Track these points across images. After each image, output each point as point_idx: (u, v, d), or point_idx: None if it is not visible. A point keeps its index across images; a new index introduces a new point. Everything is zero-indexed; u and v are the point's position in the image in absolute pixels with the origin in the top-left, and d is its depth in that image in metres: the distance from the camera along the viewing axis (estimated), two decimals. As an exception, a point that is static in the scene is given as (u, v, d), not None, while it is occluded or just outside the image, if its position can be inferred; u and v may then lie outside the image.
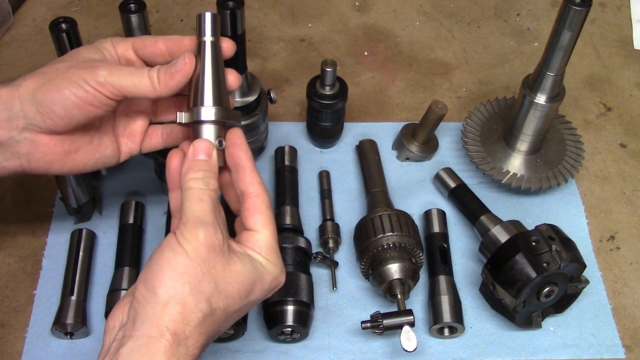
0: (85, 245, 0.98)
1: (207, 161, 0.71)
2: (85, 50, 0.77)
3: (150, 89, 0.73)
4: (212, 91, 0.73)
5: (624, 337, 0.97)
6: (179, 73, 0.72)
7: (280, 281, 0.72)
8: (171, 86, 0.73)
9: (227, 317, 0.68)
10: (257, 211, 0.71)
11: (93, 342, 0.93)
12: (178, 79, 0.72)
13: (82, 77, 0.71)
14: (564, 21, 0.89)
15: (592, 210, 1.10)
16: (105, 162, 0.81)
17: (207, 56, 0.74)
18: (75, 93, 0.71)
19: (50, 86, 0.71)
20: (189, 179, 0.69)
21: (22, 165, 0.76)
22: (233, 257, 0.67)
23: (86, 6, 1.35)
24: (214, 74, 0.73)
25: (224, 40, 0.77)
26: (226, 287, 0.66)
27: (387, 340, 0.94)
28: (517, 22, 1.38)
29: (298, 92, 1.23)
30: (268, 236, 0.71)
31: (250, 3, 1.37)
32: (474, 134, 1.10)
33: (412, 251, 0.93)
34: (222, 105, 0.73)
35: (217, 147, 0.73)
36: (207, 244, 0.65)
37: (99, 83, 0.71)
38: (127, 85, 0.72)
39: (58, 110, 0.72)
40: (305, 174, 1.11)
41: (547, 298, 0.90)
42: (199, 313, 0.64)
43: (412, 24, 1.36)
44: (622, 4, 1.42)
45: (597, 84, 1.28)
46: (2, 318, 0.94)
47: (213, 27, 0.74)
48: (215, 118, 0.72)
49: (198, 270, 0.65)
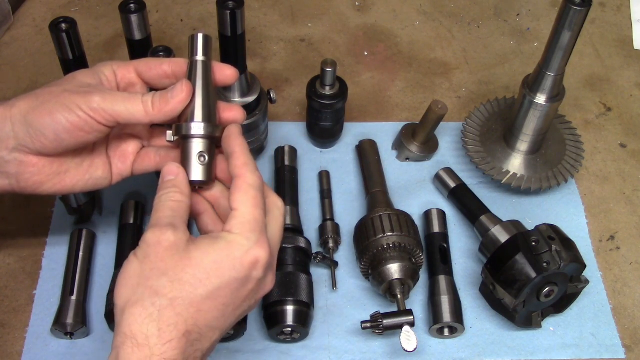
0: (85, 245, 0.98)
1: (171, 179, 0.72)
2: (82, 74, 0.77)
3: (144, 114, 0.73)
4: (200, 108, 0.74)
5: (624, 337, 0.97)
6: (174, 100, 0.73)
7: (257, 255, 0.68)
8: (166, 112, 0.73)
9: (197, 305, 0.65)
10: (235, 190, 0.71)
11: (93, 342, 0.93)
12: (173, 106, 0.73)
13: (75, 102, 0.71)
14: (564, 21, 0.89)
15: (592, 210, 1.10)
16: (96, 183, 0.81)
17: (197, 75, 0.76)
18: (67, 118, 0.71)
19: (42, 109, 0.72)
20: (155, 199, 0.71)
21: (11, 185, 0.77)
22: (190, 247, 0.67)
23: (86, 6, 1.35)
24: (203, 92, 0.75)
25: (227, 68, 0.78)
26: (178, 275, 0.65)
27: (387, 340, 0.94)
28: (517, 22, 1.38)
29: (298, 92, 1.23)
30: (243, 212, 0.69)
31: (250, 3, 1.37)
32: (474, 134, 1.10)
33: (412, 251, 0.93)
34: (209, 122, 0.74)
35: (200, 163, 0.74)
36: (153, 243, 0.66)
37: (92, 109, 0.72)
38: (120, 111, 0.73)
39: (48, 133, 0.72)
40: (305, 174, 1.11)
41: (547, 298, 0.90)
42: (152, 308, 0.63)
43: (412, 24, 1.36)
44: (622, 4, 1.42)
45: (597, 84, 1.28)
46: (2, 318, 0.94)
47: (204, 47, 0.77)
48: (201, 133, 0.74)
49: (146, 268, 0.65)
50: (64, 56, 0.91)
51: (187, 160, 0.74)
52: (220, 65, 0.79)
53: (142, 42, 0.93)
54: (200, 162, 0.74)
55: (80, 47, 0.91)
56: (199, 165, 0.74)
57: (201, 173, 0.74)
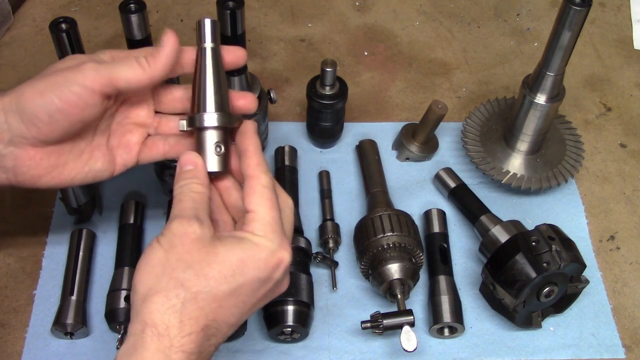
0: (85, 245, 0.98)
1: (191, 170, 0.72)
2: (75, 56, 0.76)
3: (141, 72, 0.71)
4: (213, 98, 0.73)
5: (624, 337, 0.97)
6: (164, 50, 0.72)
7: (281, 257, 0.69)
8: (163, 65, 0.72)
9: (219, 301, 0.65)
10: (250, 191, 0.71)
11: (93, 342, 0.93)
12: (165, 58, 0.72)
13: (67, 78, 0.70)
14: (564, 21, 0.89)
15: (592, 210, 1.10)
16: (96, 175, 0.80)
17: (207, 62, 0.74)
18: (58, 96, 0.70)
19: (33, 91, 0.70)
20: (175, 188, 0.71)
21: (8, 179, 0.75)
22: (215, 242, 0.67)
23: (86, 6, 1.35)
24: (215, 80, 0.73)
25: (236, 49, 0.77)
26: (204, 269, 0.65)
27: (387, 340, 0.94)
28: (517, 22, 1.38)
29: (298, 92, 1.23)
30: (262, 214, 0.69)
31: (250, 3, 1.37)
32: (474, 134, 1.10)
33: (412, 251, 0.93)
34: (223, 111, 0.73)
35: (216, 153, 0.73)
36: (180, 234, 0.66)
37: (88, 79, 0.70)
38: (119, 75, 0.71)
39: (41, 115, 0.70)
40: (305, 174, 1.11)
41: (547, 298, 0.90)
42: (175, 299, 0.63)
43: (412, 24, 1.36)
44: (622, 4, 1.42)
45: (597, 84, 1.28)
46: (2, 318, 0.94)
47: (213, 33, 0.74)
48: (216, 124, 0.73)
49: (171, 258, 0.65)
50: (64, 56, 0.90)
51: (203, 150, 0.73)
52: (228, 47, 0.78)
53: (142, 42, 0.93)
54: (216, 152, 0.73)
55: (80, 47, 0.91)
56: (215, 155, 0.73)
57: (217, 164, 0.73)
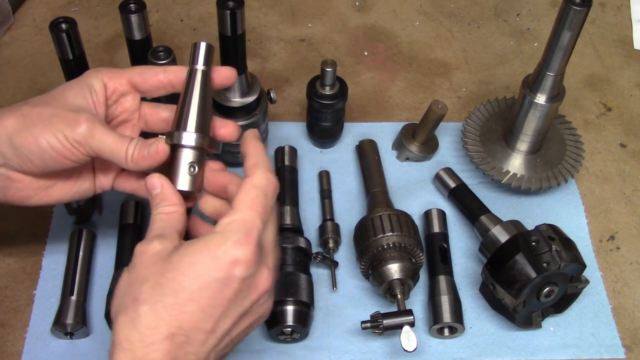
0: (85, 245, 0.98)
1: (159, 193, 0.73)
2: (72, 92, 0.76)
3: (124, 161, 0.75)
4: (195, 118, 0.74)
5: (624, 337, 0.97)
6: (150, 158, 0.74)
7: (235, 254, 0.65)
8: (141, 166, 0.75)
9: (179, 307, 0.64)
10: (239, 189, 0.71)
11: (93, 342, 0.93)
12: (148, 163, 0.75)
13: (61, 130, 0.72)
14: (564, 21, 0.89)
15: (592, 210, 1.10)
16: (82, 194, 0.83)
17: (196, 84, 0.76)
18: (52, 146, 0.72)
19: (28, 134, 0.72)
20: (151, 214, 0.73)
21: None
22: (173, 252, 0.67)
23: (86, 6, 1.35)
24: (200, 102, 0.75)
25: (225, 68, 0.79)
26: (158, 281, 0.65)
27: (387, 340, 0.94)
28: (517, 22, 1.38)
29: (298, 92, 1.23)
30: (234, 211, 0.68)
31: (250, 3, 1.37)
32: (474, 134, 1.10)
33: (412, 251, 0.93)
34: (203, 132, 0.75)
35: (189, 173, 0.74)
36: (139, 254, 0.68)
37: (77, 141, 0.73)
38: (104, 151, 0.74)
39: (34, 159, 0.74)
40: (305, 174, 1.11)
41: (547, 298, 0.90)
42: (133, 313, 0.65)
43: (412, 24, 1.36)
44: (622, 4, 1.42)
45: (597, 84, 1.28)
46: (2, 318, 0.94)
47: (206, 57, 0.77)
48: (194, 144, 0.74)
49: (132, 278, 0.67)
50: (64, 56, 0.91)
51: (176, 168, 0.75)
52: (218, 68, 0.79)
53: (142, 42, 0.93)
54: (189, 172, 0.75)
55: (80, 47, 0.91)
56: (187, 175, 0.75)
57: (188, 183, 0.75)
